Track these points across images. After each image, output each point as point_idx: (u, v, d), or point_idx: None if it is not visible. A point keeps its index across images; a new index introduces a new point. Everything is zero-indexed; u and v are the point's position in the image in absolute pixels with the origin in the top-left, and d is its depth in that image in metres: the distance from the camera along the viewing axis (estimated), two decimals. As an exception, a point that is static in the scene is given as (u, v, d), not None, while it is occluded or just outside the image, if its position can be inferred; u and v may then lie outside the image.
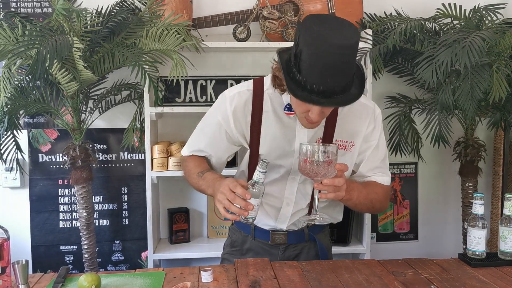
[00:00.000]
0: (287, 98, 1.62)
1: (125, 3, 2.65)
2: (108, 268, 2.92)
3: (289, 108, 1.61)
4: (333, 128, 1.64)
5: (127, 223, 2.93)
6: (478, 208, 1.63)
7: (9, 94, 2.47)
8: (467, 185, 2.79)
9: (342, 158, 1.65)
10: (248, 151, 1.70)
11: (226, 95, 1.66)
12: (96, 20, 2.51)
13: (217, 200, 1.45)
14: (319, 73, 1.35)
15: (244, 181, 1.47)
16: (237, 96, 1.64)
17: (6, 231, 1.42)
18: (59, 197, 2.88)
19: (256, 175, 1.46)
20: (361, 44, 2.65)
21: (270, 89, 1.64)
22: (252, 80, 1.68)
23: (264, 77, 1.68)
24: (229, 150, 1.72)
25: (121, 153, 2.91)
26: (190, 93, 2.85)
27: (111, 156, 2.91)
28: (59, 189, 2.88)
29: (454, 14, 2.62)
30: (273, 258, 1.73)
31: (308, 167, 1.43)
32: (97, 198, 2.90)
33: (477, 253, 1.64)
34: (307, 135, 1.63)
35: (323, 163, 1.41)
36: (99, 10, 2.58)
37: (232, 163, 2.53)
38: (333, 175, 1.43)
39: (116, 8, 2.60)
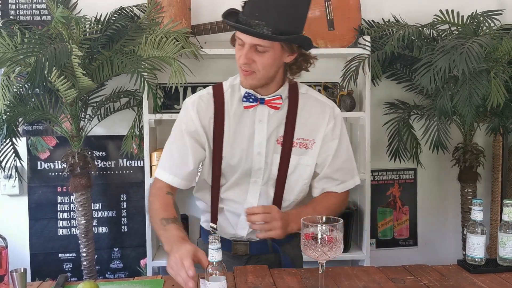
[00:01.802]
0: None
1: (124, 11, 2.66)
2: (107, 275, 2.91)
3: (247, 97, 1.62)
4: (293, 126, 1.64)
5: (126, 231, 2.93)
6: (477, 214, 1.63)
7: (8, 102, 2.47)
8: (466, 191, 2.79)
9: (304, 157, 1.66)
10: (208, 157, 1.67)
11: (187, 102, 1.69)
12: (95, 27, 2.52)
13: (168, 266, 1.38)
14: (252, 6, 1.48)
15: (203, 254, 1.35)
16: (198, 100, 1.67)
17: (4, 239, 1.41)
18: (58, 205, 2.88)
19: (210, 255, 1.28)
20: (359, 51, 2.67)
21: (230, 89, 1.68)
22: (211, 86, 1.72)
23: (223, 82, 1.72)
24: (197, 156, 1.65)
25: (120, 160, 2.91)
26: (189, 100, 2.86)
27: (110, 163, 2.90)
28: (58, 197, 2.88)
29: (452, 20, 2.63)
30: None
31: (312, 245, 1.30)
32: (96, 205, 2.89)
33: (476, 259, 1.64)
34: (266, 131, 1.63)
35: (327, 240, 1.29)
36: (98, 17, 2.59)
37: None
38: (339, 252, 1.33)
39: (115, 15, 2.61)
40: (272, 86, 1.63)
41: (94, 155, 2.79)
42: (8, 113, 2.47)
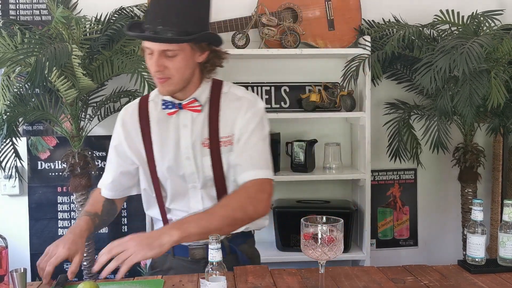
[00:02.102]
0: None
1: (124, 11, 2.66)
2: (107, 275, 2.90)
3: (165, 105, 1.62)
4: (217, 126, 1.62)
5: (126, 231, 2.92)
6: (477, 214, 1.63)
7: (8, 102, 2.47)
8: (466, 191, 2.79)
9: (230, 154, 1.62)
10: (145, 166, 1.69)
11: (119, 115, 1.75)
12: (95, 27, 2.52)
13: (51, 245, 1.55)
14: (154, 13, 1.49)
15: (77, 257, 1.55)
16: (123, 111, 1.74)
17: (4, 239, 1.42)
18: (58, 205, 2.88)
19: (210, 255, 1.28)
20: (359, 51, 2.67)
21: (156, 98, 1.68)
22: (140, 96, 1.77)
23: (153, 91, 1.73)
24: (119, 169, 1.73)
25: (120, 160, 2.90)
26: (189, 100, 2.85)
27: (110, 163, 2.90)
28: (58, 197, 2.88)
29: (452, 20, 2.63)
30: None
31: (312, 245, 1.30)
32: (96, 205, 2.89)
33: (476, 259, 1.64)
34: (190, 134, 1.62)
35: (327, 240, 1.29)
36: (98, 17, 2.59)
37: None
38: (340, 252, 1.32)
39: (115, 15, 2.61)
40: (190, 89, 1.61)
41: (94, 155, 2.78)
42: (8, 113, 2.47)
